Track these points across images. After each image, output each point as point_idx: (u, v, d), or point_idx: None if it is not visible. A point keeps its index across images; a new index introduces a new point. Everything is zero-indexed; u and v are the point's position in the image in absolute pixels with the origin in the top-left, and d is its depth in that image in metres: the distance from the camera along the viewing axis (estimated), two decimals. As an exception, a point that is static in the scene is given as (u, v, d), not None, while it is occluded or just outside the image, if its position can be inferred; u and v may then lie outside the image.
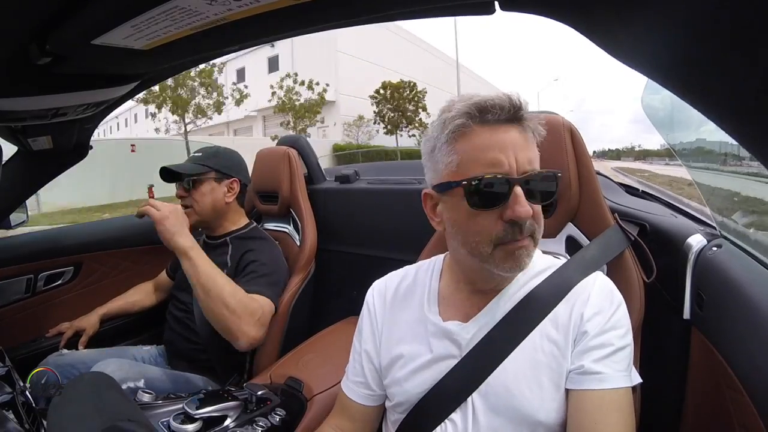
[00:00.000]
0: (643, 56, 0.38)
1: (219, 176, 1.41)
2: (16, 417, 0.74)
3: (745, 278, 0.75)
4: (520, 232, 0.62)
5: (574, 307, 0.67)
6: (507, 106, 0.62)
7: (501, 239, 0.63)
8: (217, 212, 1.41)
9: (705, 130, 1.02)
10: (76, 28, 0.55)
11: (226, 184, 1.42)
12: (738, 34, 0.28)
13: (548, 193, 0.65)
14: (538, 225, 0.65)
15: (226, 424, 0.91)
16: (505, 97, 0.63)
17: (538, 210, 0.65)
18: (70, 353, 1.35)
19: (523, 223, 0.62)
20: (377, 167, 3.23)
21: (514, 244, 0.63)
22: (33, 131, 1.06)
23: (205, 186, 1.39)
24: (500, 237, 0.63)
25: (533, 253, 0.66)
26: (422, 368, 0.72)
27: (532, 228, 0.64)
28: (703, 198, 1.02)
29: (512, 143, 0.62)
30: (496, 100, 0.63)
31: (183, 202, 1.39)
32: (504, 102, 0.62)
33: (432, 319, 0.74)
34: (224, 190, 1.42)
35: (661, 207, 1.17)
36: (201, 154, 1.43)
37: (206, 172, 1.39)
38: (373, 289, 0.86)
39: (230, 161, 1.45)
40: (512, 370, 0.66)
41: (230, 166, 1.44)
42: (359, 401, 0.81)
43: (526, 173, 0.62)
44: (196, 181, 1.38)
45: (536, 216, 0.64)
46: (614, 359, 0.63)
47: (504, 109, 0.62)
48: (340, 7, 0.54)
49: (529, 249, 0.65)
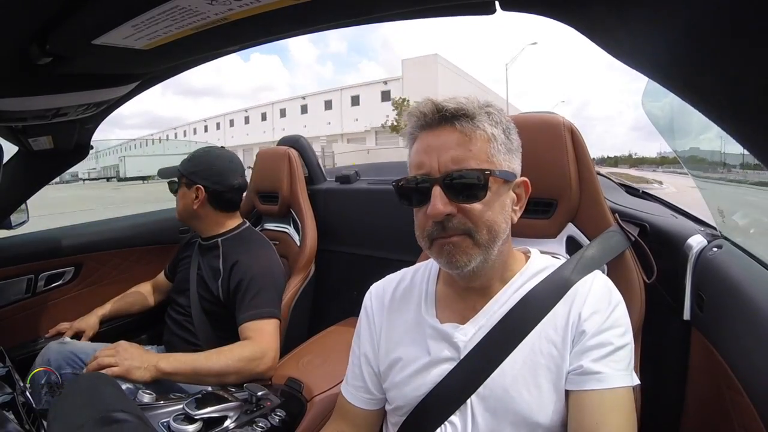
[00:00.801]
0: (643, 55, 0.38)
1: (187, 182, 1.39)
2: (16, 417, 0.74)
3: (746, 279, 0.75)
4: (443, 229, 0.64)
5: (572, 307, 0.67)
6: (428, 111, 0.66)
7: (430, 235, 0.66)
8: (191, 216, 1.40)
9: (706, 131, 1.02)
10: (77, 28, 0.55)
11: (193, 190, 1.39)
12: (738, 33, 0.28)
13: (472, 192, 0.64)
14: (473, 223, 0.64)
15: (226, 424, 0.91)
16: (429, 101, 0.66)
17: (468, 207, 0.64)
18: (72, 342, 1.35)
19: (444, 220, 0.64)
20: (377, 167, 3.23)
21: (440, 240, 0.65)
22: (33, 131, 1.06)
23: (181, 191, 1.40)
24: (430, 233, 0.66)
25: (475, 252, 0.65)
26: (420, 371, 0.72)
27: (463, 226, 0.64)
28: (704, 199, 1.01)
29: (438, 145, 0.65)
30: (420, 107, 0.67)
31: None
32: (425, 108, 0.66)
33: (429, 322, 0.74)
34: (193, 196, 1.39)
35: (661, 207, 1.17)
36: (186, 157, 1.43)
37: (178, 176, 1.40)
38: (370, 292, 0.85)
39: (199, 167, 1.39)
40: (511, 372, 0.66)
41: (196, 172, 1.38)
42: (359, 405, 0.80)
43: (446, 172, 0.64)
44: (175, 185, 1.42)
45: (467, 213, 0.64)
46: (614, 358, 0.63)
47: (426, 114, 0.66)
48: (340, 6, 0.54)
49: (461, 246, 0.65)
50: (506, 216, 0.68)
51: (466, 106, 0.65)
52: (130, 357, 1.06)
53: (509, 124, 0.70)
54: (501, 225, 0.66)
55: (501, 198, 0.66)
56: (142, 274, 1.74)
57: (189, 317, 1.37)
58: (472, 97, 0.68)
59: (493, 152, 0.65)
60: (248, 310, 1.25)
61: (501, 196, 0.66)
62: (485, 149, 0.65)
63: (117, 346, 1.09)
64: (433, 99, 0.67)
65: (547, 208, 0.94)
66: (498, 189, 0.66)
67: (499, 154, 0.66)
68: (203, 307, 1.35)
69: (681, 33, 0.31)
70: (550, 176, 0.91)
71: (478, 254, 0.65)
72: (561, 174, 0.91)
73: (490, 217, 0.65)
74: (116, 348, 1.08)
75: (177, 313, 1.40)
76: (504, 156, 0.67)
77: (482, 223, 0.64)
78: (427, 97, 0.68)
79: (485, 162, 0.64)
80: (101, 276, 1.74)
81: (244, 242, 1.41)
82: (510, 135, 0.69)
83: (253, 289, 1.27)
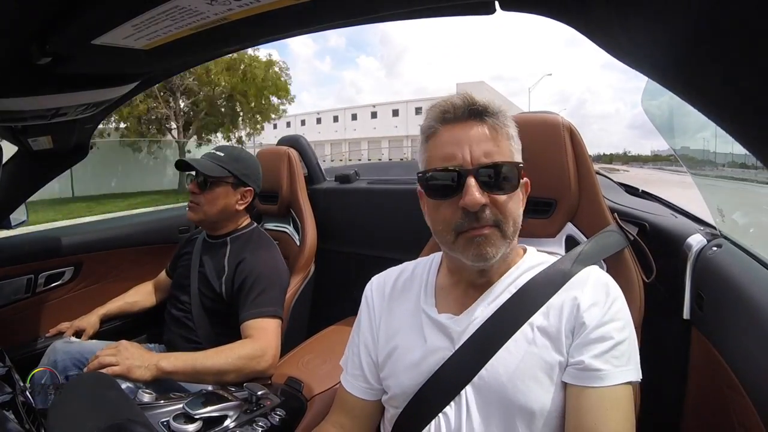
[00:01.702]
0: (642, 55, 0.38)
1: (236, 182, 1.39)
2: (16, 417, 0.74)
3: (745, 278, 0.75)
4: (476, 220, 0.65)
5: (568, 298, 0.67)
6: (460, 104, 0.67)
7: (460, 227, 0.66)
8: (224, 215, 1.40)
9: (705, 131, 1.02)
10: (77, 28, 0.55)
11: (240, 192, 1.40)
12: (737, 33, 0.28)
13: (508, 183, 0.66)
14: (502, 215, 0.66)
15: (226, 424, 0.91)
16: (459, 97, 0.68)
17: (500, 199, 0.66)
18: (77, 341, 1.34)
19: (478, 211, 0.65)
20: (377, 167, 3.24)
21: (471, 231, 0.66)
22: (33, 131, 1.06)
23: (221, 189, 1.37)
24: (459, 225, 0.66)
25: (502, 244, 0.67)
26: (417, 360, 0.72)
27: (494, 217, 0.66)
28: (704, 198, 1.02)
29: (468, 138, 0.67)
30: (451, 100, 0.69)
31: (194, 198, 1.37)
32: (457, 101, 0.68)
33: (427, 311, 0.75)
34: (238, 197, 1.40)
35: (660, 207, 1.17)
36: (223, 155, 1.39)
37: (225, 176, 1.37)
38: (371, 283, 0.86)
39: (250, 169, 1.42)
40: (505, 362, 0.66)
41: (249, 174, 1.41)
42: (357, 395, 0.81)
43: (480, 164, 0.65)
44: (212, 183, 1.36)
45: (498, 205, 0.66)
46: (614, 354, 0.63)
47: (457, 107, 0.68)
48: (340, 6, 0.54)
49: (491, 238, 0.66)
50: (521, 210, 0.70)
51: (492, 104, 0.68)
52: (131, 356, 1.06)
53: (515, 124, 0.72)
54: (520, 218, 0.70)
55: (518, 193, 0.69)
56: (142, 274, 1.74)
57: (189, 314, 1.36)
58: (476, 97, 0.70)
59: (513, 150, 0.69)
60: (251, 308, 1.25)
61: (518, 191, 0.69)
62: (508, 146, 0.68)
63: (118, 345, 1.09)
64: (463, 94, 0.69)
65: (547, 208, 0.94)
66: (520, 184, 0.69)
67: (516, 152, 0.70)
68: (203, 305, 1.35)
69: (681, 33, 0.31)
70: (550, 176, 0.91)
71: (503, 246, 0.67)
72: (560, 174, 0.91)
73: (515, 210, 0.68)
74: (117, 347, 1.08)
75: (177, 310, 1.40)
76: (517, 155, 0.70)
77: (509, 215, 0.67)
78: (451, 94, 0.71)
79: (509, 158, 0.68)
80: (101, 275, 1.74)
81: (252, 241, 1.41)
82: (517, 134, 0.72)
83: (257, 288, 1.28)
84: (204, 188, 1.36)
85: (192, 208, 1.38)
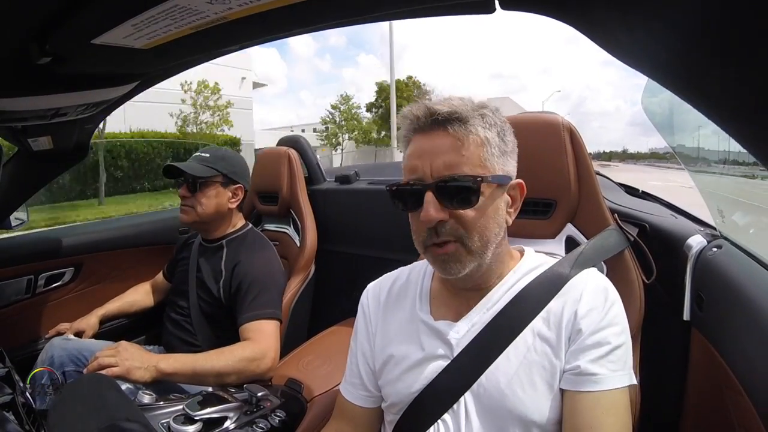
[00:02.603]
0: (643, 55, 0.38)
1: (225, 181, 1.40)
2: (17, 418, 0.73)
3: (745, 279, 0.75)
4: (437, 235, 0.64)
5: (566, 304, 0.66)
6: (422, 114, 0.65)
7: (425, 241, 0.66)
8: (217, 215, 1.40)
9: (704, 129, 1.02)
10: (76, 27, 0.55)
11: (231, 189, 1.41)
12: (737, 33, 0.28)
13: (471, 196, 0.63)
14: (465, 230, 0.64)
15: (226, 425, 0.91)
16: (422, 104, 0.65)
17: (461, 214, 0.63)
18: (75, 339, 1.34)
19: (437, 226, 0.64)
20: (377, 167, 3.24)
21: (435, 249, 0.66)
22: (33, 131, 1.06)
23: (211, 189, 1.37)
24: (425, 239, 0.66)
25: (469, 260, 0.65)
26: (414, 368, 0.72)
27: (456, 232, 0.64)
28: (703, 199, 1.01)
29: (431, 149, 0.64)
30: (413, 110, 0.66)
31: (185, 202, 1.38)
32: (419, 111, 0.65)
33: (423, 318, 0.74)
34: (229, 195, 1.41)
35: (661, 208, 1.17)
36: (208, 156, 1.41)
37: (214, 175, 1.38)
38: (367, 291, 0.86)
39: (237, 166, 1.43)
40: (504, 370, 0.65)
41: (237, 172, 1.42)
42: (357, 403, 0.81)
43: (439, 178, 0.63)
44: (202, 184, 1.36)
45: (460, 220, 0.64)
46: (610, 359, 0.62)
47: (419, 117, 0.65)
48: (340, 6, 0.54)
49: (455, 255, 0.65)
50: (499, 220, 0.67)
51: (459, 109, 0.64)
52: (131, 357, 1.06)
53: (504, 125, 0.69)
54: (493, 230, 0.66)
55: (494, 202, 0.66)
56: (142, 275, 1.74)
57: (188, 318, 1.36)
58: (467, 98, 0.68)
59: (487, 156, 0.65)
60: (249, 310, 1.25)
61: (494, 201, 0.66)
62: (478, 153, 0.64)
63: (117, 346, 1.09)
64: (427, 102, 0.66)
65: (546, 209, 0.94)
66: (491, 194, 0.65)
67: (492, 158, 0.65)
68: (202, 309, 1.35)
69: (681, 33, 0.31)
70: (549, 176, 0.91)
71: (471, 261, 0.65)
72: (560, 174, 0.90)
73: (483, 223, 0.65)
74: (117, 348, 1.08)
75: (176, 314, 1.40)
76: (498, 159, 0.66)
77: (474, 230, 0.64)
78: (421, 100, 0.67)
79: (478, 167, 0.64)
80: (101, 276, 1.74)
81: (247, 243, 1.41)
82: (505, 137, 0.68)
83: (254, 290, 1.28)
84: (194, 190, 1.36)
85: (184, 211, 1.38)
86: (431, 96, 0.78)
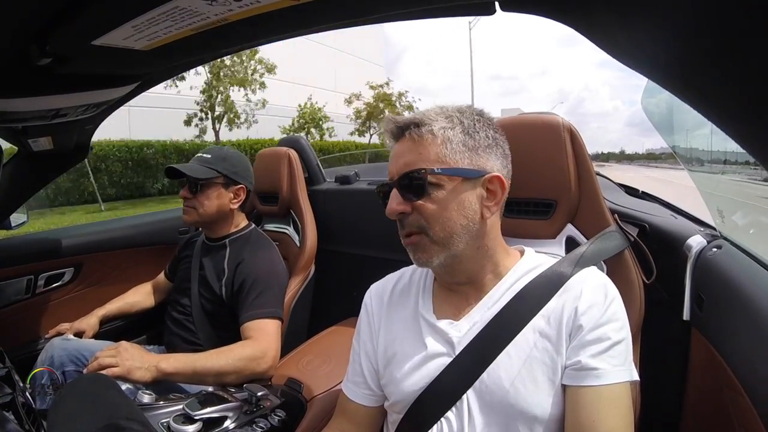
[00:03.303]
0: (643, 56, 0.38)
1: (227, 181, 1.39)
2: (16, 418, 0.73)
3: (745, 279, 0.75)
4: (402, 227, 0.71)
5: (567, 301, 0.67)
6: (391, 127, 0.73)
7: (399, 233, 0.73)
8: (219, 216, 1.41)
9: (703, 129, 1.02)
10: (77, 28, 0.55)
11: (233, 190, 1.41)
12: (737, 34, 0.28)
13: (417, 190, 0.69)
14: (426, 220, 0.69)
15: (225, 425, 0.91)
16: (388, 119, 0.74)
17: (420, 205, 0.69)
18: (75, 339, 1.34)
19: (401, 219, 0.71)
20: (378, 168, 3.24)
21: (404, 240, 0.72)
22: (33, 132, 1.06)
23: (213, 190, 1.37)
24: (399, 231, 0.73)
25: (435, 250, 0.69)
26: (417, 366, 0.72)
27: (417, 223, 0.69)
28: (703, 199, 1.02)
29: (397, 153, 0.72)
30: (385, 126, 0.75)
31: (187, 203, 1.38)
32: (388, 125, 0.74)
33: (425, 317, 0.75)
34: (230, 195, 1.41)
35: (660, 208, 1.17)
36: (210, 156, 1.41)
37: (215, 176, 1.37)
38: (370, 290, 0.87)
39: (238, 167, 1.43)
40: (506, 367, 0.66)
41: (238, 172, 1.42)
42: (359, 401, 0.81)
43: (399, 175, 0.70)
44: (203, 185, 1.36)
45: (421, 211, 0.69)
46: (611, 354, 0.63)
47: (388, 130, 0.74)
48: (341, 7, 0.54)
49: (419, 245, 0.70)
50: (467, 212, 0.69)
51: (417, 116, 0.71)
52: (131, 357, 1.06)
53: (475, 124, 0.71)
54: (458, 221, 0.69)
55: (459, 195, 0.69)
56: (142, 275, 1.74)
57: (190, 317, 1.37)
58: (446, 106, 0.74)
59: (446, 152, 0.69)
60: (251, 309, 1.25)
61: (459, 194, 0.69)
62: (437, 151, 0.69)
63: (118, 347, 1.09)
64: (392, 116, 0.74)
65: (546, 209, 0.94)
66: (454, 187, 0.68)
67: (454, 153, 0.69)
68: (204, 307, 1.35)
69: (680, 33, 0.31)
70: (549, 176, 0.91)
71: (439, 251, 0.69)
72: (560, 174, 0.91)
73: (444, 214, 0.68)
74: (117, 348, 1.08)
75: (178, 312, 1.40)
76: (462, 155, 0.69)
77: (435, 221, 0.68)
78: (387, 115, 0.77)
79: (436, 162, 0.68)
80: (101, 276, 1.74)
81: (250, 243, 1.42)
82: (475, 134, 0.71)
83: (256, 289, 1.28)
84: (195, 192, 1.36)
85: (186, 212, 1.38)
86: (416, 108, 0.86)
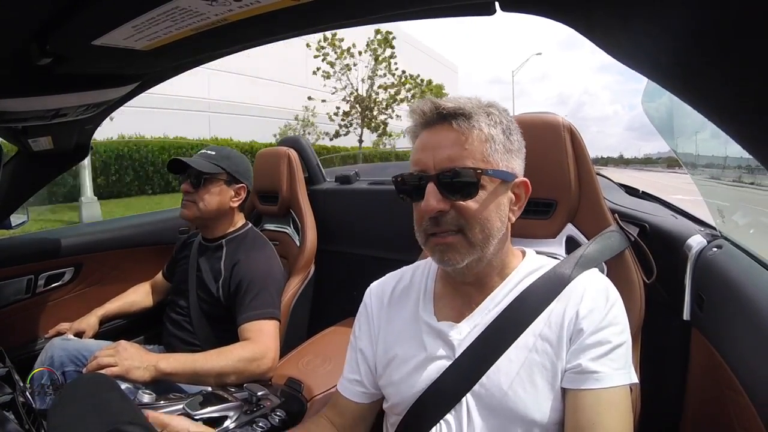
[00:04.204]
0: (643, 56, 0.38)
1: (229, 179, 1.40)
2: (17, 417, 0.74)
3: (746, 279, 0.75)
4: (437, 225, 0.66)
5: (568, 304, 0.67)
6: (428, 110, 0.67)
7: (426, 230, 0.68)
8: (219, 213, 1.41)
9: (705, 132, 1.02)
10: (77, 28, 0.55)
11: (234, 188, 1.41)
12: (738, 34, 0.28)
13: (465, 190, 0.65)
14: (466, 221, 0.65)
15: (226, 424, 0.91)
16: (429, 100, 0.68)
17: (462, 205, 0.65)
18: (75, 339, 1.34)
19: (438, 216, 0.65)
20: (378, 168, 3.24)
21: (434, 238, 0.67)
22: (33, 132, 1.06)
23: (215, 186, 1.38)
24: (426, 228, 0.68)
25: (468, 252, 0.66)
26: (417, 369, 0.72)
27: (457, 223, 0.65)
28: (704, 199, 1.02)
29: (434, 143, 0.67)
30: (420, 105, 0.69)
31: (187, 197, 1.37)
32: (425, 106, 0.68)
33: (426, 319, 0.75)
34: (231, 193, 1.41)
35: (661, 208, 1.17)
36: (214, 153, 1.41)
37: (219, 172, 1.38)
38: (370, 290, 0.86)
39: (241, 166, 1.44)
40: (506, 370, 0.66)
41: (241, 172, 1.42)
42: (350, 398, 0.81)
43: (441, 169, 0.65)
44: (206, 180, 1.36)
45: (461, 211, 0.65)
46: (611, 357, 0.63)
47: (425, 112, 0.68)
48: (341, 7, 0.54)
49: (454, 246, 0.66)
50: (502, 215, 0.68)
51: (464, 106, 0.66)
52: (130, 357, 1.06)
53: (511, 124, 0.70)
54: (495, 224, 0.67)
55: (497, 198, 0.67)
56: (142, 274, 1.74)
57: (188, 318, 1.37)
58: (474, 97, 0.69)
59: (490, 152, 0.66)
60: (248, 310, 1.25)
61: (497, 196, 0.67)
62: (481, 149, 0.66)
63: (117, 346, 1.09)
64: (433, 98, 0.68)
65: (547, 209, 0.94)
66: (494, 189, 0.66)
67: (496, 153, 0.67)
68: (202, 309, 1.35)
69: (681, 34, 0.31)
70: (550, 176, 0.91)
71: (472, 253, 0.66)
72: (560, 174, 0.91)
73: (484, 215, 0.66)
74: (116, 348, 1.08)
75: (176, 314, 1.40)
76: (502, 156, 0.67)
77: (476, 222, 0.65)
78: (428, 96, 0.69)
79: (481, 161, 0.65)
80: (101, 276, 1.74)
81: (247, 243, 1.41)
82: (510, 135, 0.69)
83: (253, 290, 1.28)
84: (198, 186, 1.36)
85: (186, 206, 1.37)
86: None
